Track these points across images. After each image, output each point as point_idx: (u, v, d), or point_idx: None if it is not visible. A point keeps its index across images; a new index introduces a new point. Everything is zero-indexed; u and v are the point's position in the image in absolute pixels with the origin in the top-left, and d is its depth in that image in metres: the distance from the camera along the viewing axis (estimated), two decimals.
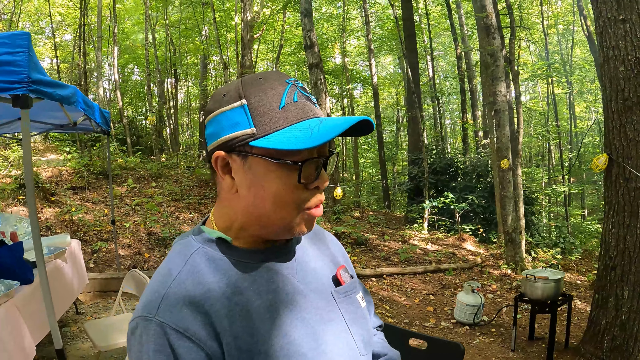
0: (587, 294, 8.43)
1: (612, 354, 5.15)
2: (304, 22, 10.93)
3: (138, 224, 10.25)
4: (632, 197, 5.13)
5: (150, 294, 1.08)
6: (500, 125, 9.44)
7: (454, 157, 16.77)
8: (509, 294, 8.21)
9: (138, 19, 25.16)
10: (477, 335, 6.40)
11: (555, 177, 24.47)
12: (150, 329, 1.01)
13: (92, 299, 7.08)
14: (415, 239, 12.01)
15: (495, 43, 9.45)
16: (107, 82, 25.86)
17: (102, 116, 6.13)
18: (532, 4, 20.77)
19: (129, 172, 14.50)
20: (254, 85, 1.10)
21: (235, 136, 1.07)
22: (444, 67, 33.62)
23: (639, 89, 5.09)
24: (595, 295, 5.56)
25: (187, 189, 13.76)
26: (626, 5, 5.16)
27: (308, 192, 1.12)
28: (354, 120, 1.04)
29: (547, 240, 13.21)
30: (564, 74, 22.10)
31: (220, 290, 1.07)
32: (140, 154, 17.89)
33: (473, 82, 19.90)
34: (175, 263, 1.12)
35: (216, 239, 1.16)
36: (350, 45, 28.35)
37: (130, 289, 4.63)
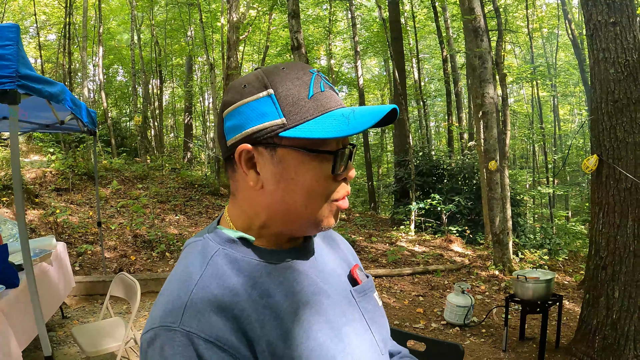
0: (575, 294, 8.48)
1: (604, 353, 5.18)
2: (291, 23, 10.87)
3: (124, 226, 10.16)
4: (622, 197, 5.17)
5: (170, 300, 0.99)
6: (488, 127, 9.46)
7: (440, 159, 16.82)
8: (498, 295, 8.22)
9: (123, 19, 25.08)
10: (467, 336, 6.40)
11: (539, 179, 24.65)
12: (175, 340, 0.92)
13: (78, 302, 6.99)
14: (403, 241, 12.02)
15: (483, 45, 9.48)
16: (92, 83, 25.71)
17: (89, 115, 6.07)
18: (518, 8, 20.91)
19: (113, 174, 14.39)
20: (279, 75, 1.06)
21: (263, 127, 1.03)
22: (429, 70, 33.73)
23: (629, 90, 5.14)
24: (586, 295, 5.58)
25: (172, 191, 13.69)
26: (617, 8, 5.21)
27: (337, 183, 1.09)
28: (387, 109, 1.01)
29: (534, 241, 13.28)
30: (548, 77, 22.29)
31: (247, 293, 1.01)
32: (125, 155, 17.77)
33: (458, 85, 20.00)
34: (194, 265, 1.04)
35: (237, 239, 1.10)
36: (336, 47, 28.36)
37: (118, 293, 4.57)
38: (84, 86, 18.18)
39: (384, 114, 1.00)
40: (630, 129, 5.16)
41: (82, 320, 6.22)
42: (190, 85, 24.90)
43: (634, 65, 5.20)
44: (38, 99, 3.66)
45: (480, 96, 9.55)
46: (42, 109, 5.07)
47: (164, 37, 23.98)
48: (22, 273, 3.75)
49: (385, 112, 1.00)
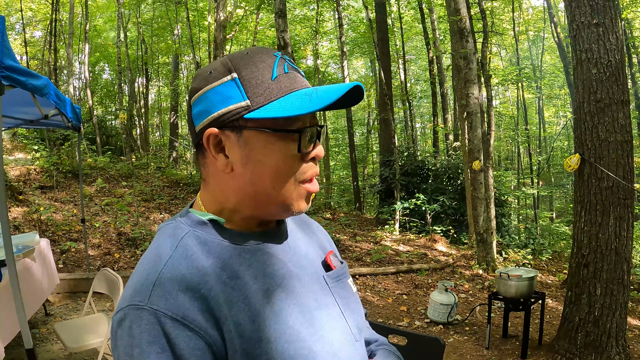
0: (558, 293, 8.56)
1: (586, 349, 5.23)
2: (277, 23, 10.88)
3: (108, 224, 10.12)
4: (604, 196, 5.24)
5: (140, 280, 1.00)
6: (473, 127, 9.52)
7: (425, 160, 16.88)
8: (482, 294, 8.28)
9: (110, 16, 24.91)
10: (451, 334, 6.44)
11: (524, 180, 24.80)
12: (143, 319, 0.93)
13: (61, 300, 6.97)
14: (387, 240, 12.06)
15: (469, 46, 9.54)
16: (77, 80, 25.56)
17: (74, 111, 6.04)
18: (504, 10, 21.01)
19: (98, 172, 14.31)
20: (243, 59, 1.07)
21: (228, 110, 1.04)
22: (415, 71, 33.81)
23: (611, 91, 5.20)
24: (568, 292, 5.64)
25: (157, 190, 13.64)
26: (600, 9, 5.27)
27: (304, 163, 1.10)
28: (348, 86, 1.02)
29: (517, 241, 13.38)
30: (534, 79, 22.44)
31: (216, 274, 1.01)
32: (110, 153, 17.67)
33: (444, 86, 20.07)
34: (164, 247, 1.05)
35: (208, 221, 1.10)
36: (322, 47, 28.36)
37: (101, 289, 4.56)
38: (69, 83, 18.11)
39: (346, 90, 1.01)
40: (612, 129, 5.22)
41: (65, 318, 6.20)
42: (177, 84, 24.77)
43: (616, 65, 5.26)
44: (22, 93, 3.64)
45: (465, 97, 9.61)
46: (26, 104, 5.04)
47: (151, 35, 23.90)
48: (5, 269, 3.72)
49: (348, 89, 1.02)
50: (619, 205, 5.21)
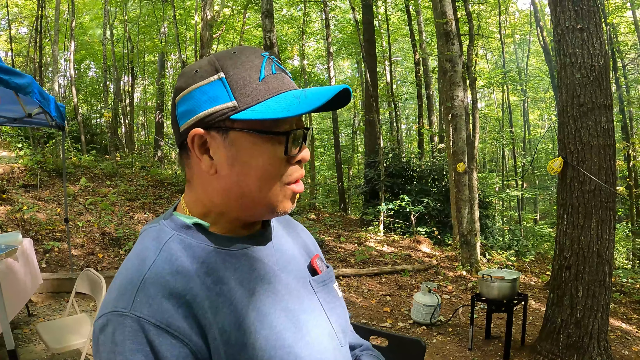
0: (541, 294, 8.61)
1: (568, 350, 5.28)
2: (264, 23, 10.86)
3: (92, 224, 10.05)
4: (586, 199, 5.28)
5: (122, 285, 0.98)
6: (457, 129, 9.56)
7: (410, 161, 16.94)
8: (465, 295, 8.32)
9: (96, 13, 24.78)
10: (434, 335, 6.46)
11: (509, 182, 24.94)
12: (126, 326, 0.91)
13: (44, 300, 6.92)
14: (371, 241, 12.07)
15: (454, 49, 9.58)
16: (63, 78, 25.39)
17: (58, 110, 6.00)
18: (491, 14, 21.11)
19: (82, 171, 14.22)
20: (231, 59, 1.06)
21: (214, 111, 1.02)
22: (401, 73, 33.90)
23: (594, 95, 5.26)
24: (551, 294, 5.69)
25: (142, 189, 13.58)
26: (584, 14, 5.32)
27: (290, 166, 1.09)
28: (337, 89, 1.01)
29: (501, 242, 13.46)
30: (519, 82, 22.55)
31: (201, 279, 0.99)
32: (95, 152, 17.57)
33: (430, 88, 20.12)
34: (148, 250, 1.03)
35: (192, 225, 1.08)
36: (309, 47, 28.39)
37: (84, 289, 4.53)
38: (54, 81, 17.98)
39: (335, 93, 1.00)
40: (594, 133, 5.27)
41: (48, 318, 6.15)
42: (162, 83, 24.69)
43: (600, 70, 5.31)
44: (5, 91, 3.62)
45: (449, 99, 9.65)
46: (9, 102, 5.01)
47: (137, 34, 23.80)
48: None
49: (336, 92, 1.01)
50: (601, 208, 5.26)
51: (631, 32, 21.41)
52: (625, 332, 6.95)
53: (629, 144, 16.83)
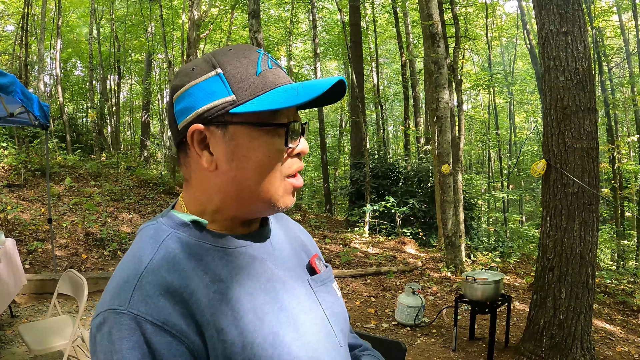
0: (526, 295, 8.65)
1: (551, 351, 5.32)
2: (251, 23, 10.86)
3: (76, 224, 9.99)
4: (569, 201, 5.32)
5: (119, 283, 0.98)
6: (442, 131, 9.60)
7: (396, 162, 16.99)
8: (449, 296, 8.34)
9: (83, 12, 24.63)
10: (418, 336, 6.48)
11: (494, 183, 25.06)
12: (123, 324, 0.91)
13: (27, 301, 6.87)
14: (356, 242, 12.08)
15: (440, 51, 9.61)
16: (49, 77, 25.23)
17: (41, 109, 5.96)
18: (478, 16, 21.20)
19: (67, 170, 14.14)
20: (227, 55, 1.07)
21: (213, 105, 1.03)
22: (388, 74, 33.98)
23: (578, 98, 5.29)
24: (534, 295, 5.72)
25: (127, 189, 13.52)
26: (569, 18, 5.35)
27: (289, 158, 1.10)
28: (334, 80, 1.03)
29: (486, 244, 13.53)
30: (505, 84, 22.65)
31: (198, 277, 0.99)
32: (80, 152, 17.46)
33: (416, 90, 20.19)
34: (145, 248, 1.03)
35: (190, 223, 1.08)
36: (296, 48, 28.39)
37: (66, 291, 4.51)
38: (40, 80, 17.86)
39: (331, 84, 1.02)
40: (578, 135, 5.31)
41: (31, 319, 6.11)
42: (149, 83, 24.58)
43: (584, 73, 5.35)
44: None
45: (435, 101, 9.69)
46: None
47: (124, 32, 23.68)
48: None
49: (332, 83, 1.02)
50: (584, 211, 5.30)
51: (617, 35, 21.62)
52: (609, 332, 7.00)
53: (613, 147, 16.98)
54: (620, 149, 18.46)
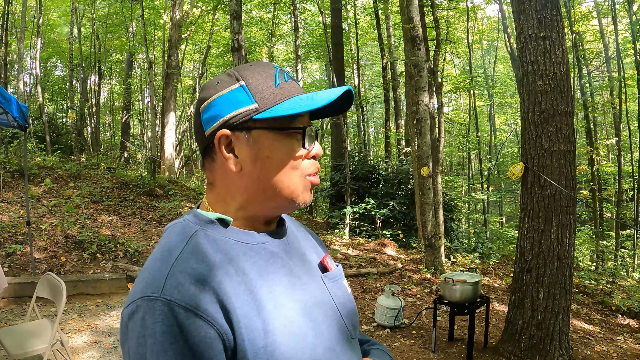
0: (505, 296, 8.71)
1: (530, 352, 5.37)
2: (232, 24, 10.84)
3: (55, 226, 9.89)
4: (547, 203, 5.38)
5: (151, 274, 1.05)
6: (422, 134, 9.64)
7: (376, 164, 17.00)
8: (429, 297, 8.37)
9: (64, 11, 24.38)
10: (398, 338, 6.50)
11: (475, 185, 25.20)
12: (156, 309, 0.98)
13: (6, 304, 6.81)
14: (337, 244, 12.08)
15: (420, 54, 9.65)
16: (28, 76, 24.99)
17: (20, 110, 5.92)
18: (459, 20, 21.30)
19: (47, 172, 13.99)
20: (248, 70, 1.20)
21: (238, 113, 1.15)
22: (369, 76, 34.06)
23: (556, 102, 5.35)
24: (512, 296, 5.77)
25: (106, 191, 13.40)
26: (547, 23, 5.41)
27: (307, 161, 1.22)
28: (343, 89, 1.16)
29: (466, 245, 13.59)
30: (485, 87, 22.79)
31: (224, 268, 1.07)
32: (60, 152, 17.30)
33: (397, 92, 20.23)
34: (174, 243, 1.11)
35: (216, 220, 1.17)
36: (278, 50, 28.36)
37: (44, 294, 4.48)
38: (19, 79, 17.67)
39: (342, 92, 1.15)
40: (555, 139, 5.36)
41: (10, 323, 6.06)
42: (129, 83, 24.44)
43: (562, 77, 5.41)
44: None
45: (415, 103, 9.72)
46: None
47: (105, 32, 23.49)
48: None
49: (343, 91, 1.15)
50: (561, 213, 5.36)
51: (597, 40, 21.82)
52: (588, 332, 7.07)
53: (592, 149, 17.14)
54: (599, 151, 18.64)
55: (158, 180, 15.11)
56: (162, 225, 11.69)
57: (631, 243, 16.14)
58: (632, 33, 16.15)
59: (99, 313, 6.86)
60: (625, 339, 7.01)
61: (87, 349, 5.61)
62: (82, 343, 5.77)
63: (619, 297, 8.95)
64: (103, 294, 7.63)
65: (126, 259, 9.03)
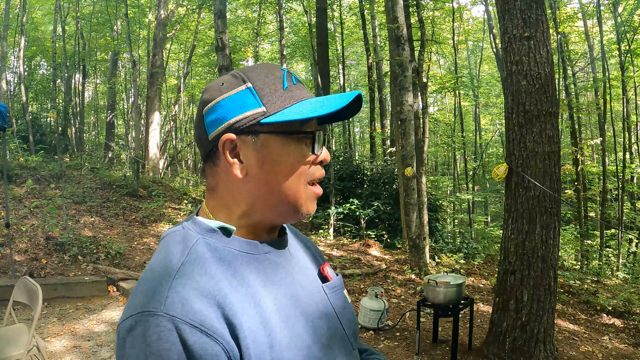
0: (490, 296, 8.69)
1: (514, 354, 5.34)
2: (216, 23, 10.80)
3: (36, 228, 9.76)
4: (531, 204, 5.35)
5: (151, 287, 0.99)
6: (406, 134, 9.62)
7: (361, 164, 16.99)
8: (414, 299, 8.33)
9: (49, 9, 24.24)
10: (381, 340, 6.46)
11: (460, 185, 25.29)
12: (159, 325, 0.92)
13: None
14: (321, 245, 12.03)
15: (405, 54, 9.64)
16: (12, 75, 24.76)
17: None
18: (445, 20, 21.36)
19: (29, 172, 13.85)
20: (255, 71, 1.15)
21: (244, 116, 1.10)
22: (355, 76, 34.12)
23: (540, 102, 5.33)
24: (496, 298, 5.74)
25: (89, 191, 13.28)
26: (532, 23, 5.38)
27: (314, 165, 1.18)
28: (354, 94, 1.11)
29: (451, 245, 13.60)
30: (471, 87, 22.87)
31: (228, 281, 1.03)
32: (43, 152, 17.14)
33: (383, 92, 20.26)
34: (175, 253, 1.06)
35: (218, 229, 1.13)
36: (263, 49, 28.32)
37: (21, 299, 4.39)
38: (2, 78, 17.49)
39: (352, 97, 1.10)
40: (539, 140, 5.34)
41: None
42: (114, 82, 24.29)
43: (546, 78, 5.38)
44: None
45: (399, 103, 9.70)
46: None
47: (90, 31, 23.35)
48: None
49: (353, 96, 1.11)
50: (545, 214, 5.33)
51: (582, 41, 21.97)
52: (573, 333, 7.07)
53: (577, 149, 17.24)
54: (584, 152, 18.77)
55: (142, 180, 15.02)
56: (145, 226, 11.60)
57: (615, 242, 16.27)
58: (617, 34, 16.30)
59: (78, 317, 6.78)
60: (610, 338, 7.02)
61: (66, 354, 5.54)
62: (61, 348, 5.69)
63: (603, 296, 8.98)
64: (83, 297, 7.55)
65: (108, 261, 8.93)
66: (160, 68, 19.14)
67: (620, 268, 14.06)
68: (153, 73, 18.83)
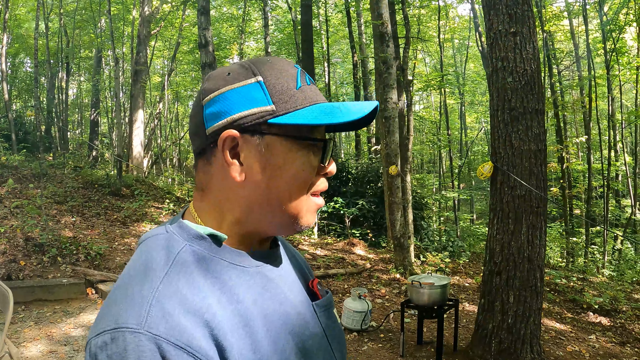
0: (475, 295, 8.65)
1: (501, 356, 5.29)
2: (200, 20, 10.69)
3: (15, 228, 9.58)
4: (517, 204, 5.28)
5: (130, 298, 0.87)
6: (390, 132, 9.56)
7: (346, 162, 16.92)
8: (398, 299, 8.27)
9: (33, 5, 23.95)
10: (365, 342, 6.39)
11: (446, 183, 25.34)
12: (140, 345, 0.80)
13: None
14: (305, 244, 11.96)
15: (389, 51, 9.59)
16: None
17: None
18: (431, 18, 21.37)
19: (10, 171, 13.66)
20: (266, 65, 1.03)
21: (251, 113, 0.98)
22: (340, 74, 34.09)
23: (526, 99, 5.26)
24: (482, 300, 5.69)
25: (71, 191, 13.11)
26: (518, 18, 5.32)
27: (319, 177, 1.07)
28: (373, 104, 1.03)
29: (436, 244, 13.56)
30: (456, 85, 22.91)
31: (216, 297, 0.91)
32: (26, 151, 16.92)
33: (368, 90, 20.25)
34: (158, 260, 0.93)
35: (207, 236, 1.00)
36: (248, 47, 28.21)
37: None
38: None
39: (372, 108, 1.01)
40: (525, 138, 5.28)
41: None
42: (97, 79, 24.08)
43: (532, 74, 5.33)
44: None
45: (383, 101, 9.65)
46: None
47: (73, 28, 23.14)
48: None
49: (373, 107, 1.02)
50: (531, 214, 5.28)
51: (567, 39, 22.11)
52: (559, 332, 7.03)
53: (562, 147, 17.29)
54: (569, 150, 18.83)
55: (125, 179, 14.86)
56: (127, 226, 11.45)
57: (601, 240, 16.36)
58: (602, 33, 16.39)
59: (56, 320, 6.65)
60: (597, 337, 7.00)
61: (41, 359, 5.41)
62: (37, 353, 5.56)
63: (590, 294, 8.98)
64: (61, 300, 7.41)
65: (88, 262, 8.78)
66: (145, 65, 18.99)
67: (606, 265, 14.13)
68: (137, 70, 18.68)
